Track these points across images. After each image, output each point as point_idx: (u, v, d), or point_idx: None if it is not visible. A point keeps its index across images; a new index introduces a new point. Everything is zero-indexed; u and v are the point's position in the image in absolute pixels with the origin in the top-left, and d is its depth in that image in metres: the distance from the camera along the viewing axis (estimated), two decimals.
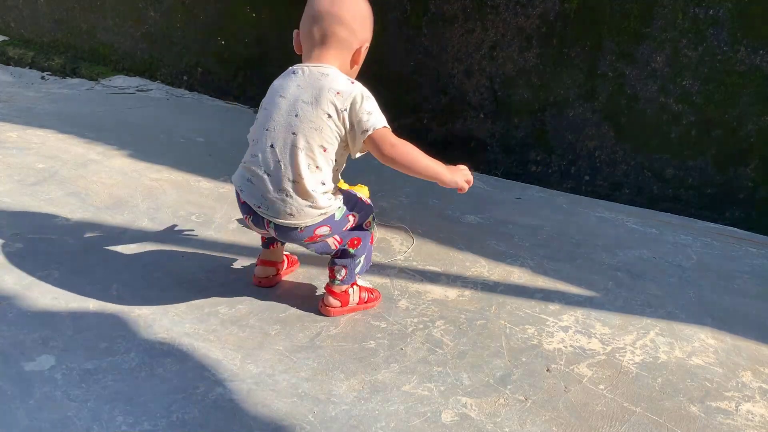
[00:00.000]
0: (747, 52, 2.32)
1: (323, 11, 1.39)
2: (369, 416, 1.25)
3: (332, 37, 1.40)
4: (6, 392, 1.23)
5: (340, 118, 1.37)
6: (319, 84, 1.38)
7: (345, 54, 1.43)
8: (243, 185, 1.46)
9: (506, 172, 2.88)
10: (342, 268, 1.54)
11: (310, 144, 1.37)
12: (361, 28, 1.43)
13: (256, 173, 1.42)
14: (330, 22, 1.39)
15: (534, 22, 2.68)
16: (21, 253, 1.73)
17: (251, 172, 1.43)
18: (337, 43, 1.41)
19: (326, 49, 1.41)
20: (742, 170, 2.42)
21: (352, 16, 1.41)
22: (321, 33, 1.40)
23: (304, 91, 1.38)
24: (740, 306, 1.78)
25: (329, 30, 1.40)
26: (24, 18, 4.58)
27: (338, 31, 1.40)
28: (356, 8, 1.42)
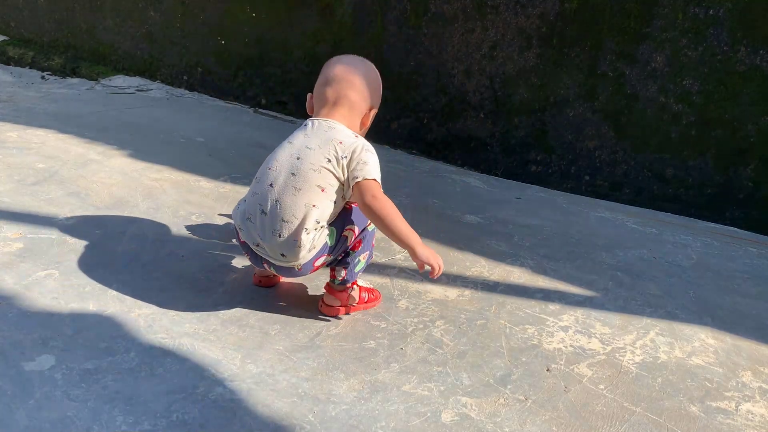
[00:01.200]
0: (747, 52, 2.32)
1: (339, 76, 1.52)
2: (369, 416, 1.25)
3: (344, 99, 1.52)
4: (6, 392, 1.23)
5: (339, 165, 1.44)
6: (325, 135, 1.47)
7: (355, 115, 1.54)
8: (242, 224, 1.49)
9: (506, 172, 2.88)
10: (342, 269, 1.54)
11: (308, 183, 1.42)
12: (372, 94, 1.56)
13: (255, 212, 1.46)
14: (344, 86, 1.51)
15: (534, 22, 2.68)
16: (21, 253, 1.73)
17: (250, 211, 1.47)
18: (349, 105, 1.52)
19: (337, 108, 1.52)
20: (742, 170, 2.42)
21: (365, 82, 1.54)
22: (335, 95, 1.52)
23: (310, 139, 1.47)
24: (740, 306, 1.78)
25: (342, 93, 1.51)
26: (24, 18, 4.58)
27: (350, 95, 1.52)
28: (369, 76, 1.56)
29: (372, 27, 3.11)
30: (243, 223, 1.49)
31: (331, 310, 1.58)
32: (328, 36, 3.23)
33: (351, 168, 1.44)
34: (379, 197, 1.44)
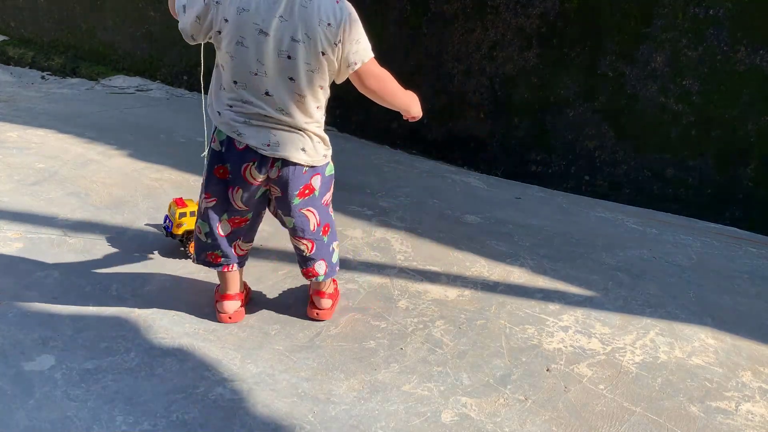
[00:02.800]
0: (747, 52, 2.32)
1: None
2: (369, 416, 1.25)
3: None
4: (6, 392, 1.23)
5: (335, 53, 1.28)
6: (307, 16, 1.24)
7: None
8: (242, 129, 1.33)
9: (506, 172, 2.88)
10: (321, 262, 1.48)
11: (311, 86, 1.31)
12: None
13: (257, 114, 1.32)
14: None
15: (534, 22, 2.68)
16: (21, 253, 1.73)
17: (248, 114, 1.32)
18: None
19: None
20: (742, 170, 2.42)
21: None
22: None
23: (291, 26, 1.24)
24: (740, 306, 1.78)
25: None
26: (24, 18, 4.58)
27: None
28: None
29: (372, 27, 3.11)
30: (242, 128, 1.33)
31: (325, 313, 1.55)
32: None
33: (345, 52, 1.28)
34: (381, 77, 1.36)
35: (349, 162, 2.73)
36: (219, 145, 1.38)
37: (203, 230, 1.46)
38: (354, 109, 3.24)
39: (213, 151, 1.40)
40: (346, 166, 1.51)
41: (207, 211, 1.43)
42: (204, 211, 1.44)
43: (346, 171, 1.60)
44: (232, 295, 1.52)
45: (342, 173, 1.52)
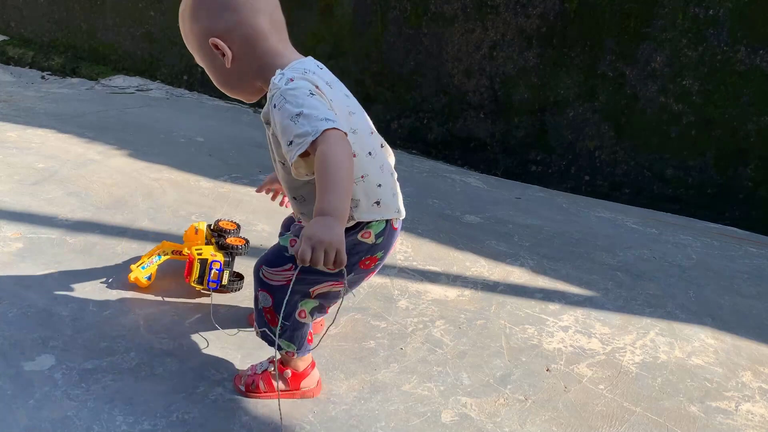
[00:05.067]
0: (747, 52, 2.32)
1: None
2: (369, 416, 1.25)
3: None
4: (6, 392, 1.23)
5: None
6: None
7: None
8: (398, 205, 1.19)
9: (506, 172, 2.88)
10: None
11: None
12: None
13: (392, 176, 1.21)
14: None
15: (534, 22, 2.68)
16: (21, 253, 1.73)
17: (388, 183, 1.19)
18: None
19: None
20: (742, 170, 2.42)
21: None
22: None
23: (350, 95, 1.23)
24: (740, 306, 1.78)
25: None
26: (24, 18, 4.58)
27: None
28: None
29: (372, 27, 3.11)
30: (395, 203, 1.19)
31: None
32: (328, 36, 3.23)
33: None
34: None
35: None
36: (374, 238, 1.17)
37: (310, 308, 1.23)
38: None
39: (362, 246, 1.17)
40: None
41: (330, 294, 1.22)
42: (325, 294, 1.22)
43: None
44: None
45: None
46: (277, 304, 1.18)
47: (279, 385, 1.26)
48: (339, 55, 3.23)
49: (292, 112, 1.01)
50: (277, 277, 1.18)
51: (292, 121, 1.00)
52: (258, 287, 1.21)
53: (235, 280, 1.60)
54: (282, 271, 1.17)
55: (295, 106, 1.01)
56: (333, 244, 0.92)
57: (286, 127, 1.01)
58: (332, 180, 0.96)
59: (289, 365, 1.27)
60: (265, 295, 1.19)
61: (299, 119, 1.00)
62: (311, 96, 1.03)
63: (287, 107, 1.01)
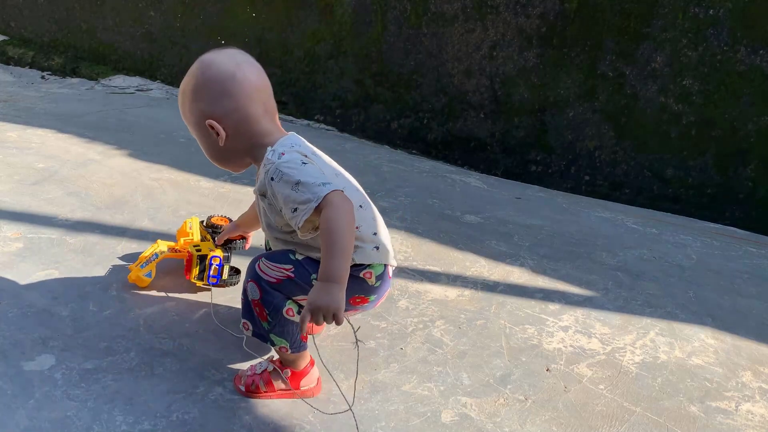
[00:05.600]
0: (747, 52, 2.32)
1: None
2: (369, 416, 1.25)
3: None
4: (6, 392, 1.23)
5: None
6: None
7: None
8: (392, 253, 1.29)
9: (506, 172, 2.88)
10: None
11: None
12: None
13: (384, 229, 1.30)
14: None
15: (534, 22, 2.68)
16: (21, 253, 1.73)
17: (382, 232, 1.28)
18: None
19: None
20: (742, 170, 2.42)
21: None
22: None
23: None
24: (740, 306, 1.78)
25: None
26: (24, 18, 4.58)
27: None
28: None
29: (372, 27, 3.11)
30: (388, 254, 1.27)
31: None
32: (328, 36, 3.23)
33: None
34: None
35: (349, 162, 2.73)
36: (375, 280, 1.26)
37: (298, 309, 1.25)
38: (354, 109, 3.24)
39: (362, 284, 1.25)
40: (346, 166, 1.51)
41: None
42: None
43: (346, 171, 1.59)
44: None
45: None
46: (264, 299, 1.21)
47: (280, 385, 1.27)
48: (339, 55, 3.23)
49: (291, 182, 1.11)
50: (272, 273, 1.21)
51: (293, 190, 1.11)
52: (248, 278, 1.23)
53: (233, 275, 1.61)
54: (280, 268, 1.21)
55: (292, 177, 1.11)
56: (331, 309, 1.05)
57: (288, 197, 1.11)
58: (336, 245, 1.07)
59: (288, 364, 1.28)
60: (254, 286, 1.22)
61: (299, 188, 1.11)
62: (304, 165, 1.14)
63: (286, 178, 1.12)
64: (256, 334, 1.27)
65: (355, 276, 1.22)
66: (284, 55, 3.41)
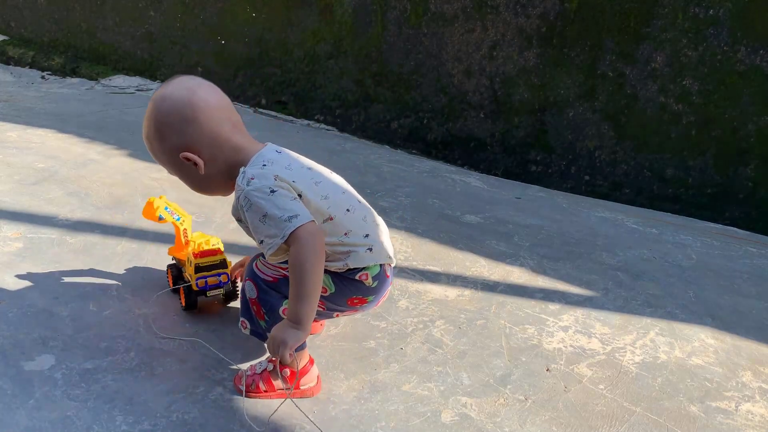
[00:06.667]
0: (747, 52, 2.32)
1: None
2: (369, 416, 1.25)
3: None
4: (6, 392, 1.23)
5: None
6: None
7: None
8: (388, 252, 1.28)
9: (506, 172, 2.88)
10: None
11: None
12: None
13: (378, 227, 1.29)
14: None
15: (534, 22, 2.68)
16: (21, 253, 1.73)
17: (375, 232, 1.28)
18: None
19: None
20: (742, 170, 2.42)
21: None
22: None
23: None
24: (740, 306, 1.78)
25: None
26: (24, 18, 4.58)
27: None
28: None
29: (372, 27, 3.11)
30: (382, 250, 1.27)
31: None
32: (328, 36, 3.23)
33: None
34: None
35: (349, 162, 2.73)
36: (371, 281, 1.27)
37: None
38: (354, 109, 3.24)
39: (359, 285, 1.27)
40: (346, 166, 1.51)
41: None
42: None
43: (346, 171, 1.60)
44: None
45: (342, 173, 1.52)
46: (261, 297, 1.23)
47: (281, 383, 1.27)
48: (339, 55, 3.23)
49: (258, 215, 1.11)
50: (269, 272, 1.23)
51: (260, 222, 1.12)
52: (246, 277, 1.25)
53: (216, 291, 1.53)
54: (276, 267, 1.23)
55: (260, 208, 1.11)
56: (279, 346, 1.11)
57: (256, 227, 1.13)
58: (301, 288, 1.10)
59: (288, 364, 1.28)
60: (251, 285, 1.24)
61: (266, 220, 1.11)
62: (272, 194, 1.12)
63: (253, 209, 1.12)
64: (254, 333, 1.28)
65: (350, 279, 1.24)
66: (284, 55, 3.41)
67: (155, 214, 1.58)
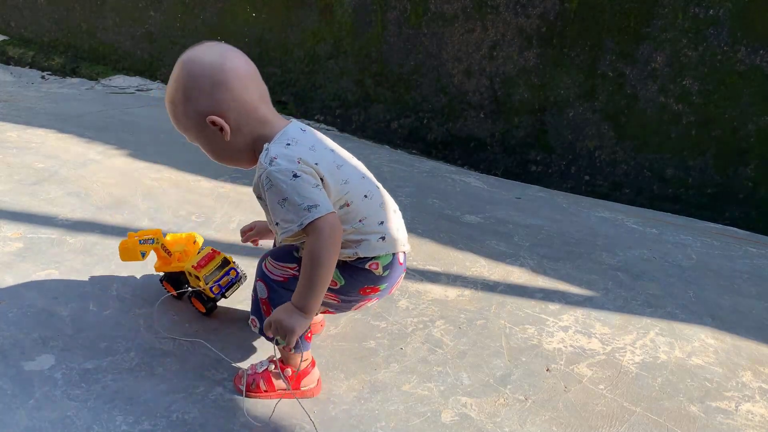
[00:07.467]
0: (747, 52, 2.32)
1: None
2: (369, 416, 1.25)
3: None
4: (6, 392, 1.23)
5: None
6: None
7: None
8: (403, 239, 1.27)
9: (506, 172, 2.88)
10: None
11: None
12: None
13: (394, 214, 1.28)
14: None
15: (534, 22, 2.68)
16: (21, 253, 1.73)
17: (391, 220, 1.26)
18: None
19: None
20: (742, 170, 2.42)
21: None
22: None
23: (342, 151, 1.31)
24: (740, 306, 1.78)
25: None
26: (24, 18, 4.58)
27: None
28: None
29: (372, 27, 3.11)
30: (396, 236, 1.25)
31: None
32: (328, 36, 3.23)
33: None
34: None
35: None
36: (382, 270, 1.24)
37: None
38: (354, 109, 3.24)
39: (369, 275, 1.24)
40: None
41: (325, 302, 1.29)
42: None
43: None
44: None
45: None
46: (272, 297, 1.22)
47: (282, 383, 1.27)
48: (339, 55, 3.23)
49: (278, 197, 1.10)
50: (278, 272, 1.22)
51: (279, 204, 1.10)
52: (257, 277, 1.24)
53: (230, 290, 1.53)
54: (285, 267, 1.21)
55: (280, 192, 1.09)
56: (286, 330, 1.10)
57: (274, 209, 1.12)
58: (313, 279, 1.09)
59: (290, 364, 1.28)
60: (262, 285, 1.23)
61: (285, 204, 1.09)
62: (294, 179, 1.10)
63: (273, 190, 1.10)
64: (262, 332, 1.27)
65: (360, 268, 1.22)
66: (284, 55, 3.41)
67: (137, 253, 1.53)
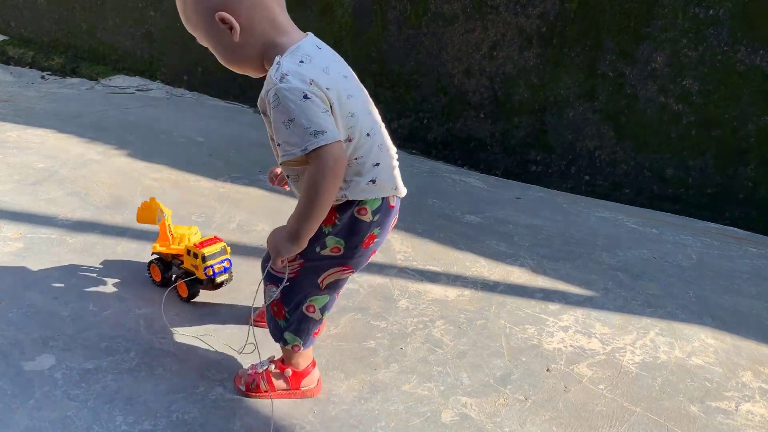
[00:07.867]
0: (747, 52, 2.32)
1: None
2: (369, 416, 1.25)
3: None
4: (6, 392, 1.23)
5: None
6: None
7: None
8: (395, 183, 1.20)
9: (506, 172, 2.88)
10: None
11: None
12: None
13: (391, 158, 1.21)
14: None
15: (534, 22, 2.68)
16: (21, 253, 1.73)
17: (386, 161, 1.19)
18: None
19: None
20: (742, 170, 2.42)
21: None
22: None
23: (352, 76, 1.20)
24: (740, 306, 1.78)
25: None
26: (24, 18, 4.58)
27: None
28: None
29: (372, 27, 3.11)
30: (392, 177, 1.19)
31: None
32: (328, 36, 3.23)
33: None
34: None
35: None
36: (371, 215, 1.17)
37: (320, 305, 1.23)
38: None
39: (362, 225, 1.18)
40: None
41: (339, 283, 1.23)
42: (334, 283, 1.23)
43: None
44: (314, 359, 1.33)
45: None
46: (285, 296, 1.20)
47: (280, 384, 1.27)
48: None
49: (285, 117, 1.02)
50: (284, 270, 1.19)
51: (284, 125, 1.02)
52: (266, 281, 1.22)
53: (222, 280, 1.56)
54: (291, 263, 1.18)
55: (287, 112, 1.01)
56: (275, 250, 1.10)
57: (278, 129, 1.04)
58: (311, 209, 1.05)
59: (290, 364, 1.28)
60: (272, 288, 1.21)
61: (291, 126, 1.02)
62: (304, 100, 1.02)
63: (280, 108, 1.02)
64: (271, 332, 1.27)
65: (352, 220, 1.16)
66: None
67: (154, 216, 1.58)
